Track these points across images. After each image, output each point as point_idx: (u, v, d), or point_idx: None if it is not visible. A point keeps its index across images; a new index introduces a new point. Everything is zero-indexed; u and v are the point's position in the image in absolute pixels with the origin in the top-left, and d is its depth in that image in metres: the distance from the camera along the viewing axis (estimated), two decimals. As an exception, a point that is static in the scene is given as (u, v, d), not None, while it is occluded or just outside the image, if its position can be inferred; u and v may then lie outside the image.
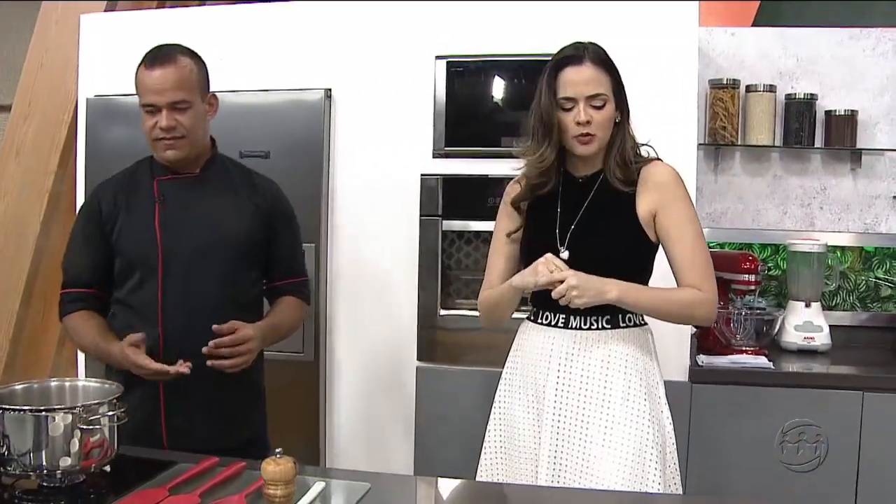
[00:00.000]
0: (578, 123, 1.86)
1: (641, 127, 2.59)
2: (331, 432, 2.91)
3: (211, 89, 2.10)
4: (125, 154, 2.23)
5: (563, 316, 1.92)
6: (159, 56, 2.00)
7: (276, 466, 1.33)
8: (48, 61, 3.29)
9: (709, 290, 1.88)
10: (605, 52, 1.91)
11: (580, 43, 1.90)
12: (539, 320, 1.98)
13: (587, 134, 1.87)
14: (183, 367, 1.86)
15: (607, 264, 1.87)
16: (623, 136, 1.92)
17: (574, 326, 1.91)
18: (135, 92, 2.02)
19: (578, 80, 1.86)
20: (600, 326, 1.91)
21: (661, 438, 1.88)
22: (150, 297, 1.99)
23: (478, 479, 2.00)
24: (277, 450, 1.37)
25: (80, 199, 3.02)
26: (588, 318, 1.91)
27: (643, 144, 1.99)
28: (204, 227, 2.03)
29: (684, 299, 1.88)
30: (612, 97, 1.88)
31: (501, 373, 2.04)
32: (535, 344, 1.96)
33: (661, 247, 1.94)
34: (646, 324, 1.97)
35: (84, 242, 2.09)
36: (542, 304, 1.96)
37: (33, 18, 3.36)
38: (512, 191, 2.04)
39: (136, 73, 2.01)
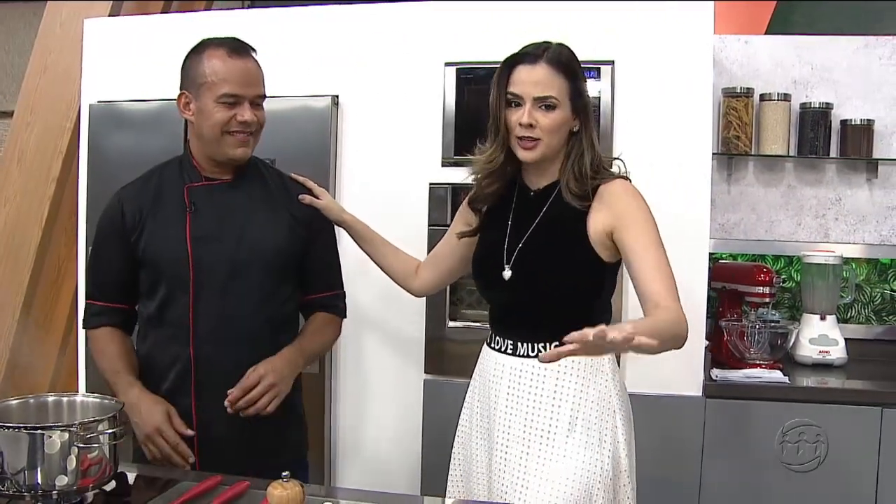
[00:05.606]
0: (521, 125, 1.75)
1: (656, 137, 2.58)
2: (336, 446, 2.85)
3: None
4: (127, 161, 2.18)
5: (511, 342, 1.83)
6: (241, 47, 1.88)
7: (283, 491, 1.27)
8: (52, 65, 3.23)
9: (676, 306, 1.64)
10: (570, 55, 1.79)
11: (545, 42, 1.79)
12: (492, 344, 1.90)
13: (530, 138, 1.76)
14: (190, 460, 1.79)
15: (552, 285, 1.78)
16: (581, 148, 1.80)
17: (522, 353, 1.81)
18: (197, 81, 1.85)
19: (528, 79, 1.76)
20: None
21: (612, 468, 1.77)
22: (180, 316, 1.87)
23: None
24: (284, 473, 1.31)
25: (83, 207, 2.97)
26: (535, 344, 1.80)
27: (614, 159, 1.89)
28: (239, 242, 1.90)
29: (673, 319, 1.61)
30: (565, 102, 1.76)
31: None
32: (488, 369, 1.88)
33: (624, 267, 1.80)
34: None
35: (106, 251, 1.96)
36: (494, 327, 1.90)
37: (37, 23, 3.32)
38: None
39: (206, 61, 1.86)
